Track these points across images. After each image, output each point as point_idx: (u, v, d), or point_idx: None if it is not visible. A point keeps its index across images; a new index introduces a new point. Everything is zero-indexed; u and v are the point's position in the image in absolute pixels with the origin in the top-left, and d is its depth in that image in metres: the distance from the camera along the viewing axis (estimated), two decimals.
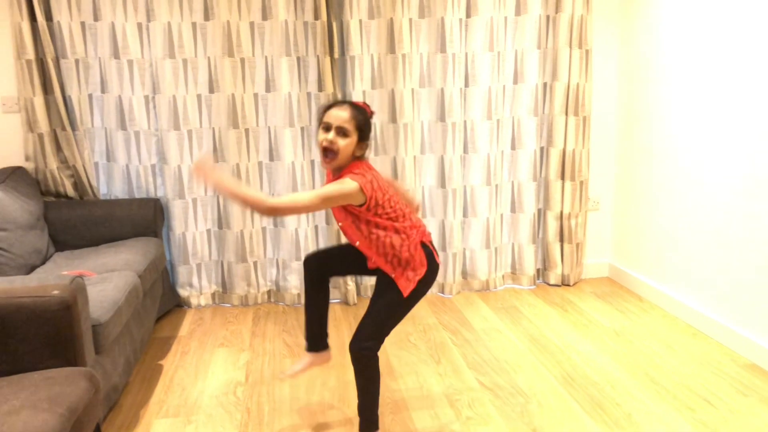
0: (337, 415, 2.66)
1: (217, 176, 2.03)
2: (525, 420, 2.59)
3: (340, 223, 2.29)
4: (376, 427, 2.34)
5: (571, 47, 3.83)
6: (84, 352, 2.16)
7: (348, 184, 2.09)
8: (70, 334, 2.10)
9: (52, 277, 2.27)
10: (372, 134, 2.19)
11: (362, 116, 2.18)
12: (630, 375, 2.94)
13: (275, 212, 2.04)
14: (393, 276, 2.25)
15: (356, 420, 2.62)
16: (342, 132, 2.14)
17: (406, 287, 2.24)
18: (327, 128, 2.15)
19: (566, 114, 3.91)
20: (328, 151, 2.16)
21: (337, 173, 2.23)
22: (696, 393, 2.77)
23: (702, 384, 2.84)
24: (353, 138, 2.16)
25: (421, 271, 2.25)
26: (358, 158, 2.22)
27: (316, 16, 3.59)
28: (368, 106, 2.25)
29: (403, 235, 2.23)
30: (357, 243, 2.26)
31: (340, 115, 2.13)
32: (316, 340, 2.51)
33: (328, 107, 2.19)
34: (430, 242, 2.32)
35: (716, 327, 3.28)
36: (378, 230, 2.21)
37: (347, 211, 2.21)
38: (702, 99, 3.31)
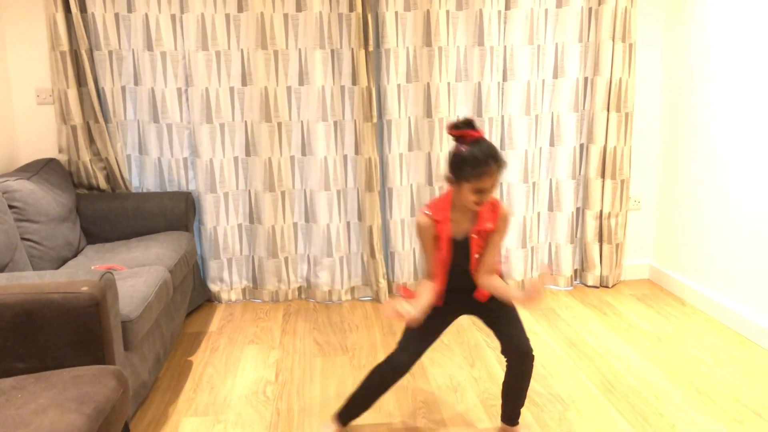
0: (369, 418, 2.59)
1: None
2: (563, 429, 2.49)
3: (476, 255, 2.27)
4: None
5: (614, 41, 3.69)
6: (113, 350, 2.12)
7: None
8: (99, 331, 2.05)
9: (82, 272, 2.24)
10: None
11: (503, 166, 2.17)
12: (674, 384, 2.81)
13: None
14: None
15: (386, 422, 2.54)
16: (492, 190, 2.16)
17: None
18: (480, 191, 2.12)
19: (608, 110, 3.77)
20: (483, 204, 2.17)
21: (464, 209, 2.22)
22: (744, 404, 2.63)
23: (751, 395, 2.71)
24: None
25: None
26: None
27: (351, 8, 3.51)
28: (481, 132, 2.17)
29: None
30: (476, 255, 2.27)
31: (495, 180, 2.12)
32: (353, 419, 2.47)
33: (477, 172, 2.09)
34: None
35: (764, 334, 3.13)
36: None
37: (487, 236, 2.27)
38: (750, 96, 3.16)
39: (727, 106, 3.35)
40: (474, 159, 2.08)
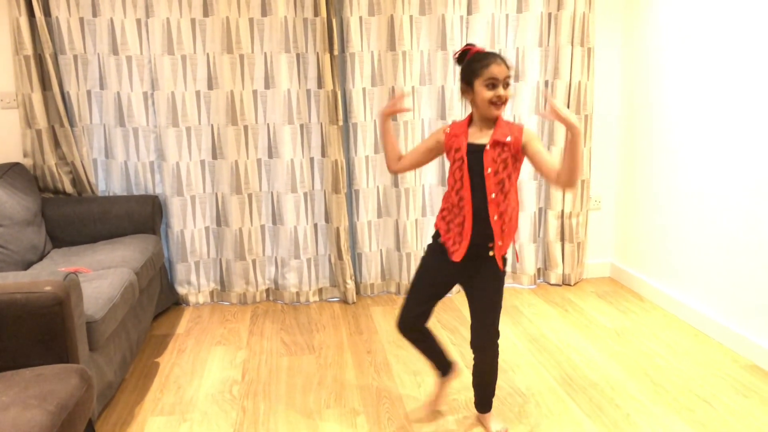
0: (333, 414, 2.63)
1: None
2: (522, 421, 2.56)
3: (489, 169, 2.23)
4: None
5: (573, 45, 3.80)
6: (77, 349, 2.14)
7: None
8: (62, 330, 2.08)
9: (46, 273, 2.26)
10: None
11: (510, 65, 2.25)
12: (630, 376, 2.91)
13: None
14: (499, 245, 2.30)
15: (350, 418, 2.59)
16: (506, 84, 2.22)
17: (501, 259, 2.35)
18: (494, 85, 2.20)
19: None
20: (500, 104, 2.23)
21: (482, 124, 2.26)
22: (696, 394, 2.74)
23: (702, 385, 2.81)
24: (511, 85, 2.28)
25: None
26: None
27: (316, 13, 3.57)
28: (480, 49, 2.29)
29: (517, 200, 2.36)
30: (493, 195, 2.25)
31: (504, 71, 2.19)
32: (444, 365, 2.57)
33: (484, 63, 2.19)
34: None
35: (717, 328, 3.24)
36: (513, 186, 2.30)
37: (512, 164, 2.26)
38: (705, 98, 3.28)
39: (683, 107, 3.48)
40: (481, 54, 2.23)
